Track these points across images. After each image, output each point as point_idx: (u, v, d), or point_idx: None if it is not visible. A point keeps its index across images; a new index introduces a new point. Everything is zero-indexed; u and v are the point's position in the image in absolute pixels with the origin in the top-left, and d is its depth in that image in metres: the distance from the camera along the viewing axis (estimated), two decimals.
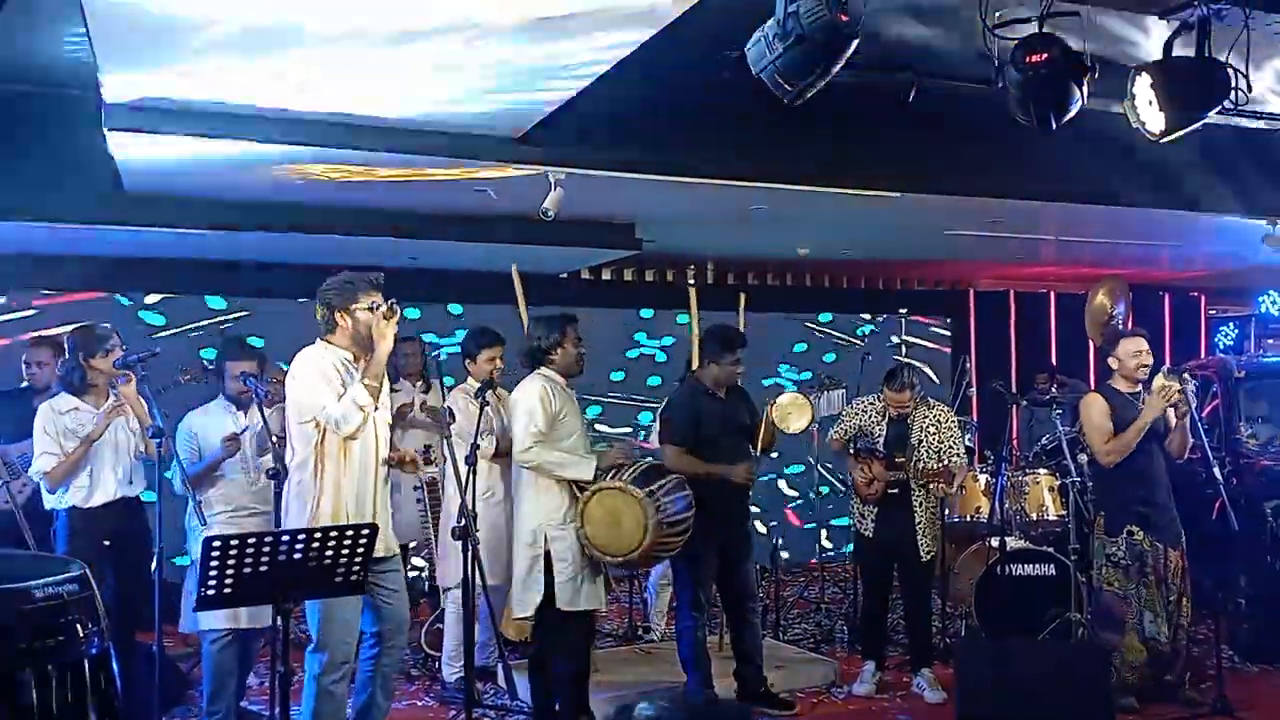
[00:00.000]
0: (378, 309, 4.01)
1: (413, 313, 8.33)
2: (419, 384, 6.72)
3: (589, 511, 4.72)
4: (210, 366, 5.22)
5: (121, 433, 5.00)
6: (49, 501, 4.92)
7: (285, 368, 5.14)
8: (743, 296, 6.69)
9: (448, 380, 6.18)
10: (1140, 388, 5.35)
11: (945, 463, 5.64)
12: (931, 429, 5.72)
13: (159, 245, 7.20)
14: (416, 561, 6.58)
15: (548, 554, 4.75)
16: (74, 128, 5.12)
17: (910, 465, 5.62)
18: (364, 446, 4.02)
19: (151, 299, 8.06)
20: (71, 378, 4.94)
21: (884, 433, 5.76)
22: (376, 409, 4.01)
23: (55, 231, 6.52)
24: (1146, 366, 5.33)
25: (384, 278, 4.16)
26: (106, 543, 4.80)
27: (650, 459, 5.08)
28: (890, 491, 5.66)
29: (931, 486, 5.62)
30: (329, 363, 4.01)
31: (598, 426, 8.77)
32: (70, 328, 5.53)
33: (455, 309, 8.84)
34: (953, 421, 5.87)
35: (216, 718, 4.74)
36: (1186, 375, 5.25)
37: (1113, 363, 5.44)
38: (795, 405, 5.33)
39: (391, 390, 6.63)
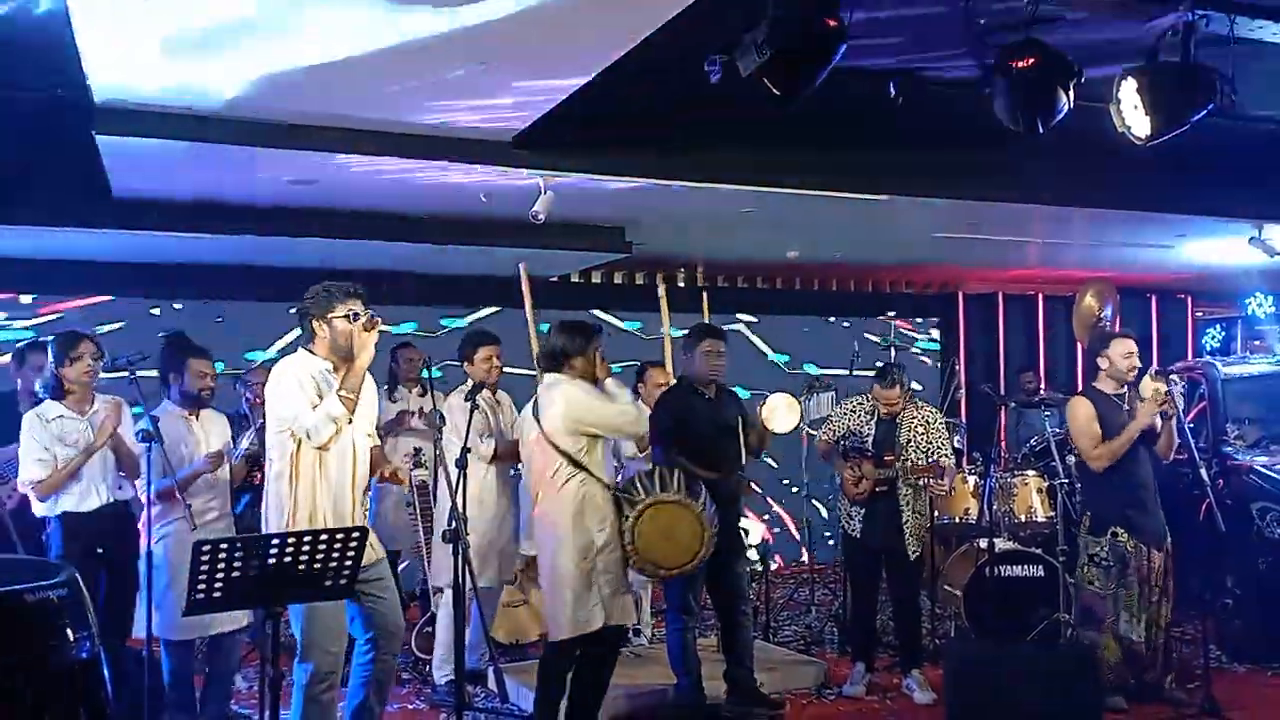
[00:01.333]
0: (357, 319, 3.97)
1: (409, 326, 8.34)
2: (415, 389, 6.74)
3: (640, 528, 4.54)
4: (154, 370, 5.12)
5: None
6: (38, 509, 4.89)
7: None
8: (704, 295, 6.65)
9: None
10: (1126, 389, 5.38)
11: (935, 459, 5.67)
12: (920, 428, 5.75)
13: (150, 250, 7.21)
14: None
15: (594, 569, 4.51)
16: (63, 131, 5.11)
17: (899, 463, 5.64)
18: (340, 457, 3.97)
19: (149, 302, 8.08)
20: (50, 385, 4.93)
21: (873, 432, 5.78)
22: (351, 421, 3.94)
23: (45, 236, 6.53)
24: (1136, 368, 5.37)
25: (364, 287, 4.11)
26: (100, 549, 4.78)
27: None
28: (878, 489, 5.68)
29: (921, 483, 5.63)
30: (306, 372, 3.96)
31: None
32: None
33: (446, 316, 8.85)
34: (941, 423, 5.89)
35: (179, 708, 4.76)
36: (1174, 377, 5.28)
37: (1102, 363, 5.46)
38: (784, 405, 5.34)
39: (391, 399, 6.71)
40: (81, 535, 4.76)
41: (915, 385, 7.79)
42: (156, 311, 8.04)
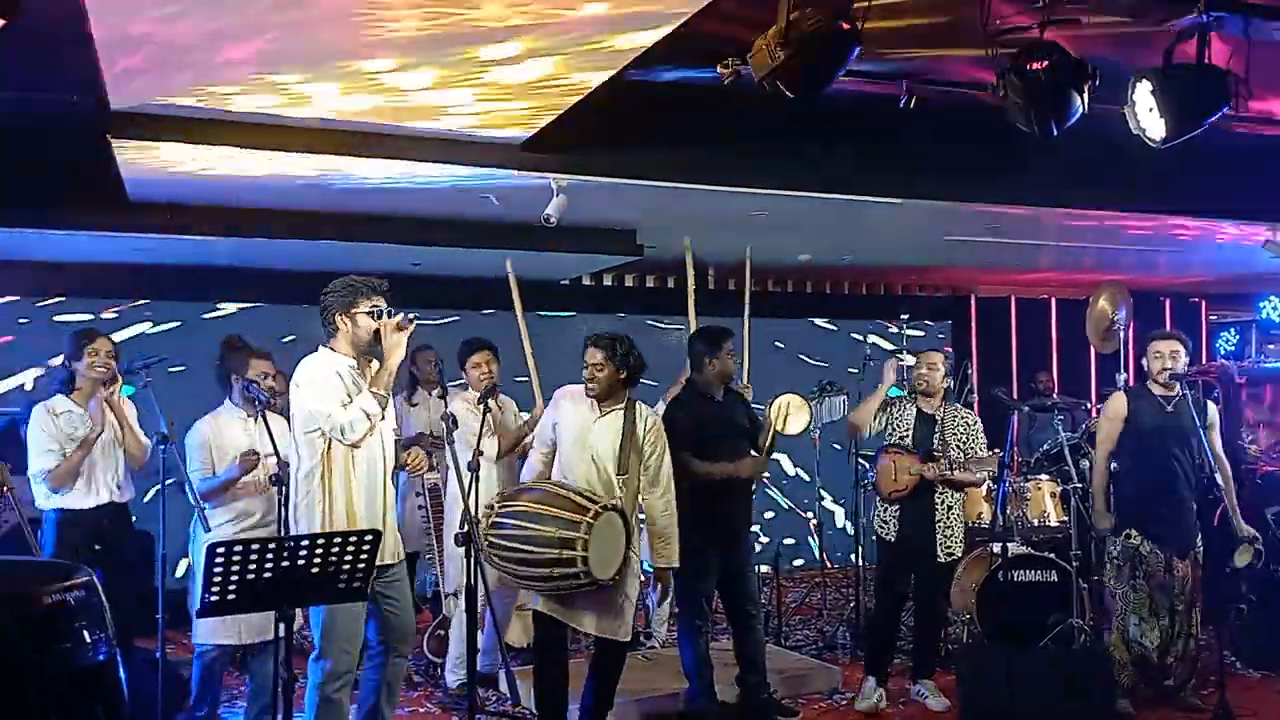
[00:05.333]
0: (390, 318, 3.97)
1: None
2: (435, 391, 6.69)
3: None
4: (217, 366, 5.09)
5: (112, 438, 4.97)
6: (42, 501, 4.89)
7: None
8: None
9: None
10: (1176, 391, 5.35)
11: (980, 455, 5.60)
12: (961, 428, 5.62)
13: (160, 252, 7.23)
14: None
15: None
16: (79, 137, 5.12)
17: (944, 460, 5.49)
18: (370, 454, 3.99)
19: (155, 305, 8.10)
20: (60, 378, 4.96)
21: (911, 430, 5.63)
22: (383, 418, 3.98)
23: (57, 239, 6.55)
24: (1167, 370, 5.33)
25: (388, 284, 4.13)
26: (97, 547, 4.77)
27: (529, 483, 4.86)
28: (921, 482, 5.51)
29: (979, 476, 5.57)
30: (333, 369, 3.97)
31: None
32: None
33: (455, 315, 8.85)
34: (978, 426, 5.74)
35: (200, 715, 4.75)
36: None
37: (1145, 363, 5.48)
38: (794, 407, 5.32)
39: (411, 403, 6.68)
40: (76, 532, 4.78)
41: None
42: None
